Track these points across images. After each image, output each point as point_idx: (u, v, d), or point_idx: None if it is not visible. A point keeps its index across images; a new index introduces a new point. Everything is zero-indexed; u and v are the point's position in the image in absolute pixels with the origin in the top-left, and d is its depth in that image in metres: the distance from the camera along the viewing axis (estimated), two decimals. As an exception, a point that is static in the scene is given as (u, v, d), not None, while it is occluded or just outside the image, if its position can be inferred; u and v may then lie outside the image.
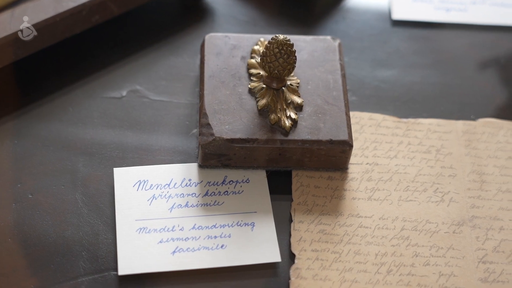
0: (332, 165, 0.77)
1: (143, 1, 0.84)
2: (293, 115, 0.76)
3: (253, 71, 0.79)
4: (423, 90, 0.85)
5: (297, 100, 0.77)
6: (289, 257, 0.73)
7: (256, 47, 0.80)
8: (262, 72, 0.78)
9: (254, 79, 0.78)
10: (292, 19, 0.90)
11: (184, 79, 0.84)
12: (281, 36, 0.75)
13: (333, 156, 0.76)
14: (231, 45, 0.81)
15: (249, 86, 0.78)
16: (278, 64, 0.75)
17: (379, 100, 0.84)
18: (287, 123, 0.75)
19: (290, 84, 0.78)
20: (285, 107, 0.76)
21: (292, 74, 0.79)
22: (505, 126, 0.82)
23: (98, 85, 0.83)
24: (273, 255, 0.72)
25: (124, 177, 0.76)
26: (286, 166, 0.77)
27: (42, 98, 0.81)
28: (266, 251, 0.72)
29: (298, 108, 0.77)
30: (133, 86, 0.83)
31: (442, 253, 0.73)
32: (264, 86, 0.77)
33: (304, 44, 0.81)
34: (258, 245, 0.72)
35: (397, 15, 0.91)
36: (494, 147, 0.80)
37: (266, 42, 0.80)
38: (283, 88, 0.77)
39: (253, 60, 0.79)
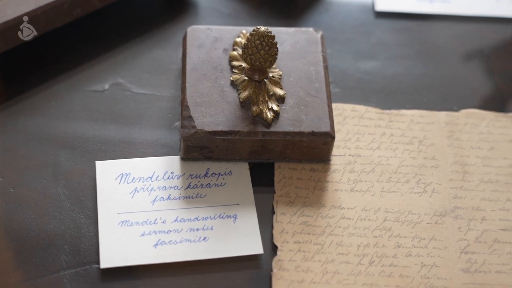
0: (314, 157, 0.77)
1: (125, -6, 0.84)
2: (275, 107, 0.76)
3: (235, 63, 0.79)
4: (406, 81, 0.85)
5: (279, 92, 0.77)
6: (272, 249, 0.73)
7: (238, 39, 0.80)
8: (244, 64, 0.78)
9: (236, 71, 0.78)
10: (275, 11, 0.90)
11: (167, 72, 0.84)
12: (262, 28, 0.75)
13: (315, 148, 0.76)
14: (213, 38, 0.81)
15: (231, 78, 0.78)
16: (259, 56, 0.75)
17: (362, 91, 0.84)
18: (269, 115, 0.75)
19: (272, 76, 0.78)
20: (267, 99, 0.76)
21: (274, 66, 0.78)
22: (487, 117, 0.82)
23: (81, 78, 0.83)
24: (255, 247, 0.72)
25: (106, 171, 0.76)
26: (268, 158, 0.77)
27: (24, 92, 0.81)
28: (249, 243, 0.72)
29: (280, 100, 0.77)
30: (116, 79, 0.83)
31: (424, 244, 0.73)
32: (246, 78, 0.77)
33: (286, 36, 0.81)
34: (240, 237, 0.72)
35: (381, 7, 0.91)
36: (477, 137, 0.80)
37: (248, 34, 0.80)
38: (265, 80, 0.77)
39: (235, 53, 0.79)
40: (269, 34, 0.74)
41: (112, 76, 0.83)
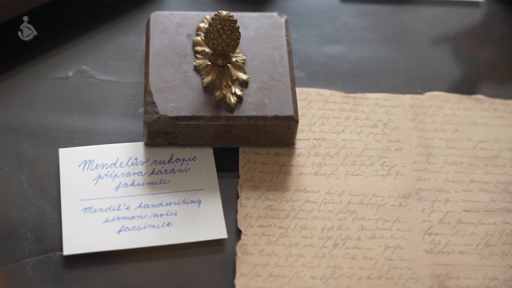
0: (278, 141, 0.77)
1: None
2: (238, 92, 0.76)
3: (198, 48, 0.78)
4: (371, 65, 0.85)
5: (243, 76, 0.77)
6: (236, 233, 0.73)
7: (202, 25, 0.80)
8: (207, 49, 0.78)
9: (199, 56, 0.78)
10: (240, -4, 0.90)
11: (132, 58, 0.84)
12: (224, 12, 0.74)
13: (279, 132, 0.76)
14: (176, 23, 0.80)
15: (194, 63, 0.77)
16: (221, 41, 0.75)
17: (327, 76, 0.84)
18: (232, 99, 0.75)
19: (236, 61, 0.77)
20: (230, 83, 0.76)
21: (237, 51, 0.78)
22: (452, 99, 0.82)
23: (44, 66, 0.82)
24: (219, 231, 0.72)
25: (70, 158, 0.75)
26: (232, 143, 0.76)
27: (-13, 80, 0.81)
28: (213, 228, 0.72)
29: (244, 84, 0.77)
30: (80, 67, 0.83)
31: (388, 226, 0.73)
32: (209, 63, 0.77)
33: (250, 21, 0.81)
34: (204, 222, 0.72)
35: (346, -9, 0.91)
36: (441, 120, 0.80)
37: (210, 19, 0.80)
38: (228, 65, 0.77)
39: (198, 38, 0.79)
40: (231, 18, 0.74)
41: (76, 64, 0.83)
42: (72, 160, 0.75)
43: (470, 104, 0.82)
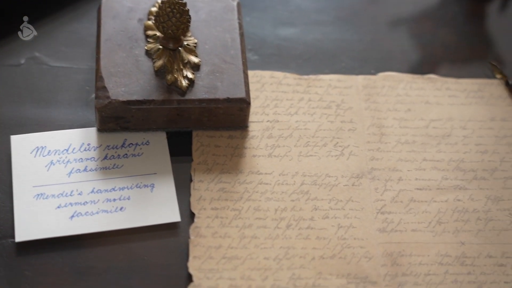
0: (231, 124, 0.77)
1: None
2: (190, 75, 0.75)
3: (149, 32, 0.78)
4: (325, 47, 0.85)
5: (194, 59, 0.77)
6: (190, 216, 0.73)
7: (153, 9, 0.80)
8: (158, 33, 0.77)
9: (150, 40, 0.78)
10: (193, -19, 0.89)
11: (84, 44, 0.83)
12: (173, -5, 0.74)
13: (232, 114, 0.76)
14: (128, 8, 0.80)
15: (145, 48, 0.77)
16: (171, 24, 0.74)
17: (281, 58, 0.84)
18: (184, 83, 0.75)
19: (187, 44, 0.77)
20: (181, 67, 0.76)
21: (189, 34, 0.78)
22: (404, 79, 0.82)
23: (-4, 53, 0.82)
24: (172, 215, 0.72)
25: (22, 145, 0.75)
26: (185, 126, 0.76)
27: None
28: (166, 211, 0.72)
29: (196, 67, 0.76)
30: (32, 54, 0.82)
31: (341, 205, 0.74)
32: (160, 47, 0.77)
33: (202, 4, 0.81)
34: (157, 206, 0.72)
35: (300, -26, 0.91)
36: (394, 100, 0.81)
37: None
38: (179, 48, 0.77)
39: (149, 22, 0.79)
40: (180, 1, 0.74)
41: (28, 51, 0.82)
42: (24, 147, 0.75)
43: (423, 83, 0.82)
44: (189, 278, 0.69)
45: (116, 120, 0.75)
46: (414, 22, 0.88)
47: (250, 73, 0.81)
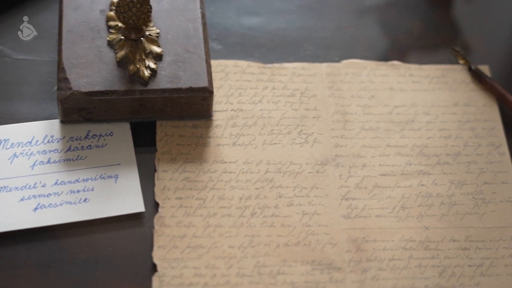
0: (195, 113, 0.77)
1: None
2: (152, 65, 0.75)
3: (111, 23, 0.78)
4: (289, 35, 0.85)
5: (156, 49, 0.77)
6: (154, 206, 0.73)
7: (115, 0, 0.80)
8: (120, 24, 0.77)
9: (113, 31, 0.77)
10: (157, -29, 0.89)
11: (48, 36, 0.83)
12: (133, -14, 0.74)
13: (195, 104, 0.76)
14: (90, -1, 0.80)
15: (107, 38, 0.77)
16: (132, 14, 0.74)
17: (245, 47, 0.84)
18: (146, 73, 0.75)
19: (149, 34, 0.77)
20: (144, 57, 0.76)
21: (151, 25, 0.78)
22: (368, 66, 0.83)
23: (-42, 47, 0.81)
24: (136, 205, 0.72)
25: (-16, 138, 0.75)
26: (149, 116, 0.76)
27: None
28: (130, 202, 0.72)
29: (158, 58, 0.76)
30: (-5, 46, 0.82)
31: (305, 193, 0.74)
32: (122, 37, 0.77)
33: (164, -6, 0.81)
34: (121, 197, 0.72)
35: (263, -37, 0.91)
36: (358, 87, 0.81)
37: (121, -7, 0.79)
38: (141, 38, 0.77)
39: (111, 13, 0.78)
40: (141, -9, 0.74)
41: (-9, 44, 0.82)
42: (-14, 140, 0.74)
43: (386, 70, 0.82)
44: (154, 268, 0.69)
45: (79, 111, 0.75)
46: (379, 10, 0.89)
47: (214, 62, 0.81)
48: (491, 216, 0.74)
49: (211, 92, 0.75)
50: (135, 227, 0.72)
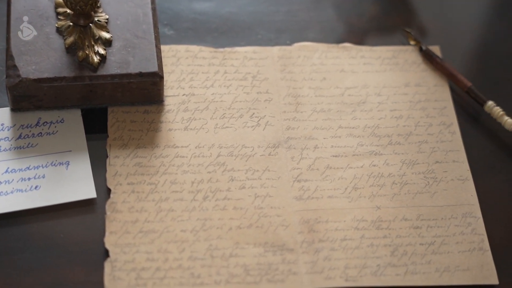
0: (146, 99, 0.76)
1: None
2: (101, 51, 0.75)
3: (60, 10, 0.77)
4: (241, 20, 0.85)
5: (106, 35, 0.76)
6: (106, 192, 0.73)
7: (63, -14, 0.79)
8: (68, 10, 0.77)
9: (61, 18, 0.77)
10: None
11: (-3, 24, 0.83)
12: (80, -29, 0.74)
13: (145, 89, 0.75)
14: (38, -14, 0.79)
15: (56, 25, 0.76)
16: (79, 0, 0.74)
17: (196, 32, 0.84)
18: (95, 59, 0.74)
19: (98, 20, 0.77)
20: (93, 43, 0.75)
21: (100, 10, 0.78)
22: (320, 49, 0.83)
23: None
24: (88, 191, 0.72)
25: None
26: (100, 103, 0.76)
27: None
28: (81, 188, 0.72)
29: (107, 43, 0.76)
30: None
31: (257, 175, 0.74)
32: (71, 24, 0.76)
33: (113, -20, 0.81)
34: (73, 183, 0.72)
35: None
36: (309, 69, 0.81)
37: (69, -21, 0.79)
38: (90, 24, 0.76)
39: (60, -1, 0.78)
40: (88, -23, 0.73)
41: None
42: None
43: (338, 52, 0.83)
44: (106, 254, 0.69)
45: (28, 99, 0.74)
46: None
47: (166, 47, 0.81)
48: (442, 194, 0.75)
49: (161, 77, 0.75)
50: (87, 214, 0.71)
